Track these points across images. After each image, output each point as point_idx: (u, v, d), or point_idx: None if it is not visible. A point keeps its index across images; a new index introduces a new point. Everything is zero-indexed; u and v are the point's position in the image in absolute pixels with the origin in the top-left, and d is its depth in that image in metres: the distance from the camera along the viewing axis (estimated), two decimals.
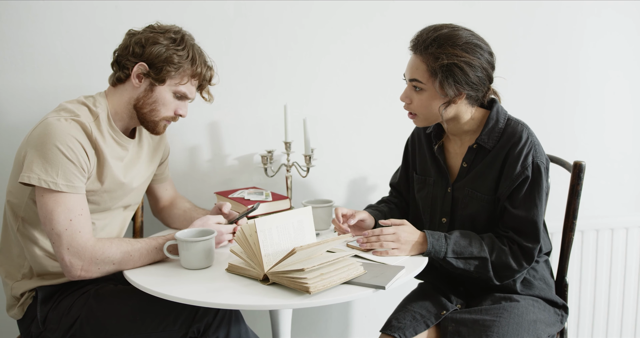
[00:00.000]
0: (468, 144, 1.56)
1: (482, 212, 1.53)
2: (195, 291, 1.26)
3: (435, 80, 1.44)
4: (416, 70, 1.47)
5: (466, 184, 1.55)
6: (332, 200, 1.78)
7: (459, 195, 1.57)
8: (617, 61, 2.30)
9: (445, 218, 1.60)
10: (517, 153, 1.46)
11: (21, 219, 1.46)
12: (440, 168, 1.62)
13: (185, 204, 1.78)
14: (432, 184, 1.64)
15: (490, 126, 1.51)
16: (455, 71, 1.42)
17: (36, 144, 1.35)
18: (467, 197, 1.54)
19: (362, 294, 1.24)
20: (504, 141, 1.50)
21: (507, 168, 1.48)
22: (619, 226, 2.24)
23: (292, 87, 2.06)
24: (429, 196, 1.64)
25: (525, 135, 1.48)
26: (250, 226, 1.32)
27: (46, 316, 1.45)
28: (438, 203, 1.62)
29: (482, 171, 1.52)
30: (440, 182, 1.62)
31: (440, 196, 1.61)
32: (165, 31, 1.49)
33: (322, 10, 2.04)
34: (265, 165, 2.00)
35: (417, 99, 1.49)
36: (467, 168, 1.56)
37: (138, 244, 1.42)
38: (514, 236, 1.47)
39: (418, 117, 1.53)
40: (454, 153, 1.61)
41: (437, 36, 1.44)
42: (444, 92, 1.45)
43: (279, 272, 1.25)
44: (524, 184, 1.46)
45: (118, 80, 1.50)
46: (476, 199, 1.53)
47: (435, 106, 1.48)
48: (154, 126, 1.52)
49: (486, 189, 1.52)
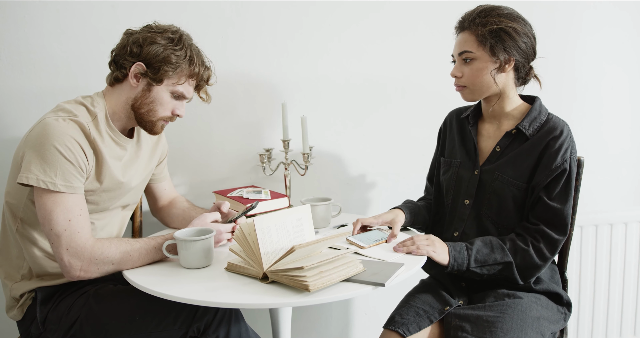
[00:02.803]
0: (506, 129, 1.60)
1: (509, 197, 1.55)
2: (194, 291, 1.26)
3: (486, 47, 1.50)
4: (465, 43, 1.53)
5: (496, 168, 1.57)
6: (330, 198, 1.78)
7: (486, 178, 1.59)
8: (614, 55, 2.31)
9: (468, 200, 1.62)
10: (558, 145, 1.50)
11: (20, 220, 1.46)
12: (470, 150, 1.66)
13: (184, 204, 1.78)
14: (457, 166, 1.68)
15: (534, 115, 1.56)
16: (503, 35, 1.49)
17: (34, 144, 1.35)
18: (497, 181, 1.57)
19: (362, 291, 1.24)
20: (544, 132, 1.53)
21: (545, 158, 1.50)
22: (618, 221, 2.24)
23: (290, 86, 2.06)
24: (454, 178, 1.68)
25: (567, 131, 1.52)
26: (249, 224, 1.32)
27: (46, 317, 1.45)
28: (463, 185, 1.65)
29: (516, 157, 1.55)
30: (468, 164, 1.65)
31: (466, 178, 1.64)
32: (163, 31, 1.49)
33: (319, 9, 2.04)
34: (264, 163, 2.00)
35: (467, 70, 1.55)
36: (500, 153, 1.59)
37: (137, 244, 1.42)
38: (544, 229, 1.50)
39: (467, 89, 1.57)
40: (487, 136, 1.65)
41: (481, 9, 1.53)
42: (494, 58, 1.51)
43: (278, 270, 1.25)
44: (561, 176, 1.49)
45: (116, 80, 1.50)
46: (506, 183, 1.55)
47: (487, 74, 1.53)
48: (152, 126, 1.52)
49: (518, 175, 1.54)
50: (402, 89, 2.15)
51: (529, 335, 1.39)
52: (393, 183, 2.21)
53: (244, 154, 2.06)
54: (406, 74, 2.13)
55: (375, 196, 2.23)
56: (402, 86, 2.15)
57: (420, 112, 2.17)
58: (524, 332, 1.39)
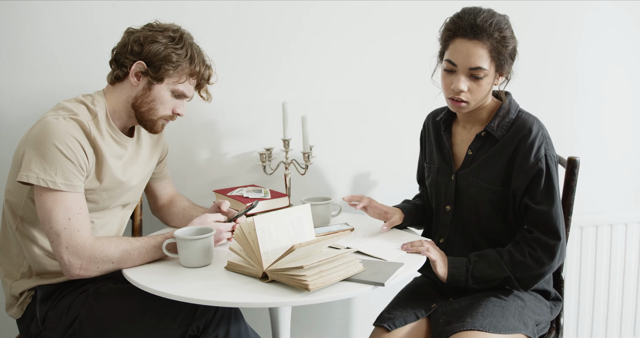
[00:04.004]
0: (476, 132, 1.55)
1: (485, 202, 1.51)
2: (194, 290, 1.26)
3: (493, 62, 1.43)
4: (478, 58, 1.42)
5: (470, 173, 1.53)
6: (330, 197, 1.77)
7: (462, 184, 1.55)
8: (615, 56, 2.30)
9: (449, 206, 1.59)
10: (528, 145, 1.44)
11: (20, 218, 1.46)
12: (445, 155, 1.61)
13: (184, 203, 1.78)
14: (436, 171, 1.63)
15: (501, 115, 1.50)
16: (513, 54, 1.47)
17: (34, 143, 1.35)
18: (471, 186, 1.53)
19: (362, 291, 1.24)
20: (513, 132, 1.48)
21: (518, 160, 1.45)
22: (618, 222, 2.24)
23: (291, 85, 2.06)
24: (434, 183, 1.64)
25: (536, 128, 1.47)
26: (249, 224, 1.32)
27: (45, 315, 1.45)
28: (442, 191, 1.61)
29: (487, 160, 1.50)
30: (445, 169, 1.60)
31: (444, 184, 1.60)
32: (164, 30, 1.49)
33: (321, 8, 2.03)
34: (264, 163, 2.00)
35: (476, 87, 1.45)
36: (472, 156, 1.54)
37: (137, 243, 1.42)
38: (538, 236, 1.44)
39: (469, 105, 1.48)
40: (461, 140, 1.60)
41: (496, 21, 1.42)
42: (499, 74, 1.47)
43: (278, 270, 1.25)
44: (539, 177, 1.44)
45: (116, 78, 1.50)
46: (480, 188, 1.51)
47: (490, 89, 1.49)
48: (152, 124, 1.52)
49: (491, 179, 1.49)
50: (403, 88, 2.15)
51: (510, 321, 1.39)
52: (393, 182, 2.21)
53: (244, 153, 2.06)
54: (407, 73, 2.13)
55: (376, 196, 2.23)
56: (403, 85, 2.14)
57: (421, 111, 2.16)
58: (504, 318, 1.40)
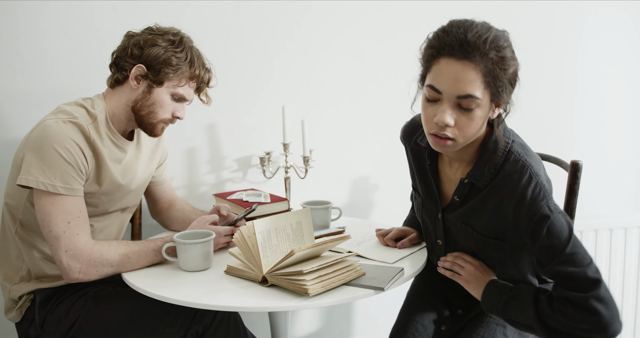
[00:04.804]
0: (462, 174, 1.30)
1: (482, 248, 1.32)
2: (193, 294, 1.26)
3: (488, 89, 1.14)
4: (469, 83, 1.12)
5: (459, 219, 1.32)
6: (330, 201, 1.77)
7: (451, 227, 1.36)
8: (615, 59, 2.31)
9: (440, 241, 1.42)
10: (517, 203, 1.17)
11: (19, 221, 1.45)
12: (431, 193, 1.38)
13: (184, 206, 1.77)
14: (421, 204, 1.43)
15: (485, 159, 1.23)
16: (513, 79, 1.17)
17: (34, 146, 1.35)
18: (462, 231, 1.33)
19: (361, 296, 1.24)
20: (498, 182, 1.21)
21: (512, 218, 1.19)
22: (618, 226, 2.24)
23: (291, 89, 2.06)
24: (420, 214, 1.47)
25: (526, 176, 1.17)
26: (248, 227, 1.31)
27: (44, 319, 1.45)
28: (429, 225, 1.43)
29: (474, 209, 1.28)
30: (430, 206, 1.40)
31: (431, 220, 1.41)
32: (164, 33, 1.49)
33: (319, 10, 2.04)
34: (264, 167, 2.00)
35: (465, 121, 1.15)
36: (460, 202, 1.31)
37: (136, 246, 1.42)
38: (565, 294, 1.15)
39: (456, 143, 1.18)
40: (447, 180, 1.36)
41: (493, 37, 1.13)
42: (495, 104, 1.17)
43: (278, 274, 1.25)
44: (550, 247, 1.14)
45: (116, 82, 1.50)
46: (470, 235, 1.32)
47: (483, 123, 1.18)
48: (152, 128, 1.52)
49: (481, 229, 1.29)
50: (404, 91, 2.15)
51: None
52: (393, 186, 2.21)
53: (244, 157, 2.06)
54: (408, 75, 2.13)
55: (376, 200, 2.23)
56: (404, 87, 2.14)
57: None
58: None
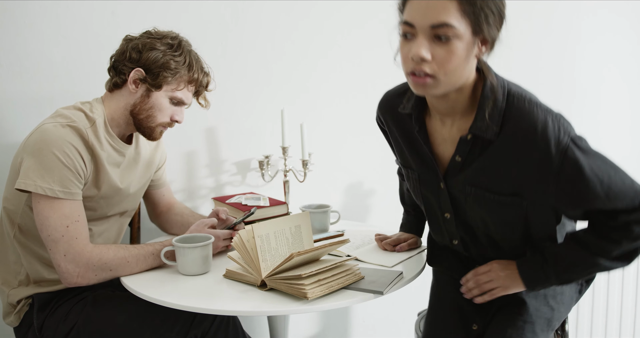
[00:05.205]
0: (460, 131, 1.18)
1: (497, 212, 1.17)
2: (192, 298, 1.25)
3: (468, 19, 1.03)
4: (443, 10, 1.02)
5: (466, 182, 1.18)
6: (329, 205, 1.77)
7: (458, 194, 1.21)
8: (613, 60, 2.31)
9: (448, 214, 1.26)
10: (541, 143, 1.07)
11: (17, 226, 1.45)
12: (426, 160, 1.24)
13: (183, 210, 1.77)
14: (417, 180, 1.28)
15: (488, 108, 1.12)
16: (501, 11, 1.07)
17: (33, 150, 1.35)
18: (471, 196, 1.19)
19: (360, 299, 1.24)
20: (510, 129, 1.10)
21: (536, 165, 1.09)
22: None
23: (289, 92, 2.06)
24: (418, 193, 1.30)
25: (540, 113, 1.09)
26: (247, 231, 1.31)
27: (43, 323, 1.45)
28: (432, 201, 1.28)
29: (484, 166, 1.15)
30: (429, 177, 1.25)
31: (433, 194, 1.26)
32: (162, 37, 1.49)
33: (318, 14, 2.04)
34: (263, 170, 2.00)
35: (444, 54, 1.05)
36: (462, 163, 1.18)
37: (135, 250, 1.41)
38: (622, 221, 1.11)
39: (437, 81, 1.07)
40: (442, 140, 1.22)
41: None
42: (475, 37, 1.06)
43: (277, 278, 1.24)
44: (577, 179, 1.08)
45: (115, 85, 1.50)
46: (481, 198, 1.17)
47: (466, 60, 1.07)
48: (151, 131, 1.52)
49: (495, 187, 1.15)
50: None
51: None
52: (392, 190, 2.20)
53: (242, 160, 2.05)
54: None
55: (375, 203, 2.23)
56: None
57: None
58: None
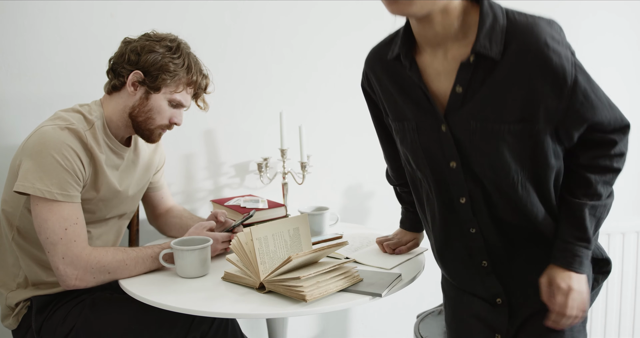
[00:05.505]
0: (459, 57, 1.08)
1: (503, 150, 1.08)
2: (190, 300, 1.25)
3: None
4: None
5: (470, 116, 1.08)
6: (328, 207, 1.77)
7: (462, 136, 1.10)
8: (612, 61, 2.31)
9: (454, 162, 1.14)
10: (547, 55, 1.02)
11: (16, 228, 1.45)
12: (421, 102, 1.14)
13: (181, 213, 1.77)
14: (414, 129, 1.17)
15: (489, 24, 1.03)
16: None
17: (31, 152, 1.35)
18: (477, 133, 1.08)
19: (359, 302, 1.24)
20: (517, 46, 1.03)
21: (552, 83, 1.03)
22: (616, 231, 2.24)
23: (288, 95, 2.06)
24: (417, 147, 1.18)
25: (545, 26, 1.05)
26: (246, 234, 1.31)
27: (41, 326, 1.44)
28: (435, 151, 1.15)
29: (490, 93, 1.06)
30: (427, 121, 1.14)
31: (435, 141, 1.14)
32: (161, 39, 1.49)
33: (317, 17, 2.04)
34: (261, 173, 2.00)
35: None
36: (463, 94, 1.08)
37: (133, 253, 1.41)
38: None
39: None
40: (436, 74, 1.12)
41: None
42: None
43: (275, 280, 1.24)
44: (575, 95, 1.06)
45: (113, 88, 1.50)
46: (492, 133, 1.07)
47: None
48: (150, 134, 1.52)
49: (503, 114, 1.06)
50: None
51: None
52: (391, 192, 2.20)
53: (241, 163, 2.06)
54: None
55: (374, 205, 2.23)
56: None
57: None
58: None
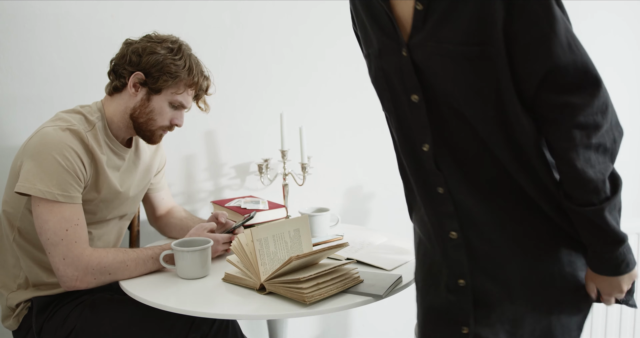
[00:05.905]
0: None
1: (467, 72, 0.96)
2: (191, 301, 1.26)
3: None
4: None
5: (430, 36, 0.99)
6: (328, 208, 1.77)
7: (421, 58, 1.00)
8: (612, 62, 2.31)
9: (416, 95, 1.03)
10: None
11: (17, 229, 1.45)
12: (385, 25, 1.05)
13: (182, 214, 1.77)
14: (377, 55, 1.08)
15: None
16: None
17: (32, 153, 1.35)
18: (433, 57, 0.99)
19: (359, 303, 1.24)
20: None
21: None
22: None
23: (289, 96, 2.06)
24: (380, 76, 1.09)
25: None
26: (246, 235, 1.31)
27: (41, 327, 1.44)
28: (395, 82, 1.06)
29: (452, 11, 0.95)
30: (389, 45, 1.05)
31: (396, 68, 1.05)
32: (162, 41, 1.49)
33: (317, 18, 2.05)
34: (262, 174, 2.00)
35: None
36: (424, 12, 0.98)
37: (134, 254, 1.41)
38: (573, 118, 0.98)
39: None
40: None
41: None
42: None
43: (276, 282, 1.24)
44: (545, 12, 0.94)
45: (115, 89, 1.50)
46: (446, 56, 0.97)
47: None
48: (151, 135, 1.52)
49: (459, 34, 0.95)
50: None
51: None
52: (392, 193, 2.21)
53: (242, 164, 2.06)
54: None
55: (374, 207, 2.23)
56: None
57: None
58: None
